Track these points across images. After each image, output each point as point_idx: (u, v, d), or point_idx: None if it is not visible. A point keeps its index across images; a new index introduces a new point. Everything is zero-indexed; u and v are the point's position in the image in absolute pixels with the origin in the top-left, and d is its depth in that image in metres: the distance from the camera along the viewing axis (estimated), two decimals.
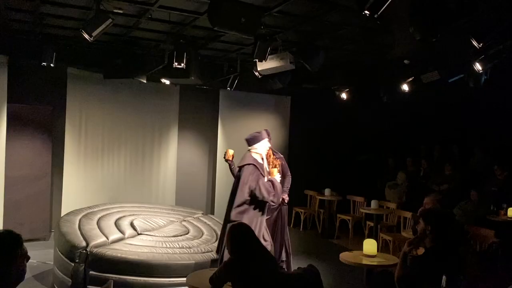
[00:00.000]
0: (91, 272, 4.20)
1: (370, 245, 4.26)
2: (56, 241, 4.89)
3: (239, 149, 8.55)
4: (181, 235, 5.20)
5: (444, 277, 2.84)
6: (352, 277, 5.36)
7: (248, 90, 8.47)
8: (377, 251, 4.36)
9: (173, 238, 5.02)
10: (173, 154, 8.21)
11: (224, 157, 5.30)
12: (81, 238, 4.53)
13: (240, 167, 4.76)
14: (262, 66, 5.97)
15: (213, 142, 8.44)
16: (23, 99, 6.59)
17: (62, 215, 6.24)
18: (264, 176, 4.60)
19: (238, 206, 4.48)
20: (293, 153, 9.17)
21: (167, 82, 7.23)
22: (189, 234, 5.32)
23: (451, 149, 8.65)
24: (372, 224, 7.09)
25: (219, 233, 5.50)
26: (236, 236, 2.97)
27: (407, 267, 3.20)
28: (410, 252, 3.25)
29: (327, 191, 8.12)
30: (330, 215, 8.25)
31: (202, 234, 5.42)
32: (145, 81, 7.03)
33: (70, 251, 4.35)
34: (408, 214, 6.37)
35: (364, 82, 7.95)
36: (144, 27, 5.98)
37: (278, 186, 4.61)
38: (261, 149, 4.97)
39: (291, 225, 8.69)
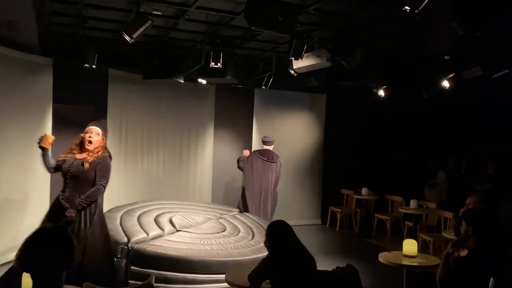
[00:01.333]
0: (132, 267, 4.32)
1: (410, 245, 4.17)
2: None
3: (273, 146, 8.60)
4: (218, 232, 5.27)
5: (491, 279, 2.75)
6: (391, 277, 5.26)
7: (283, 89, 8.46)
8: (417, 251, 4.27)
9: (210, 235, 5.10)
10: (209, 152, 8.33)
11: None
12: (123, 234, 4.66)
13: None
14: (298, 64, 5.95)
15: (248, 140, 8.49)
16: (66, 100, 6.83)
17: (104, 211, 6.44)
18: None
19: None
20: (328, 151, 9.11)
21: (204, 82, 7.33)
22: (225, 231, 5.38)
23: (494, 147, 8.34)
24: (411, 224, 6.93)
25: (255, 231, 5.56)
26: (275, 233, 2.98)
27: (449, 269, 3.13)
28: (453, 253, 3.17)
29: (364, 190, 8.01)
30: (367, 214, 8.14)
31: (239, 231, 5.47)
32: (182, 81, 7.15)
33: (112, 246, 4.48)
34: (449, 214, 6.20)
35: (402, 79, 7.78)
36: (181, 28, 6.09)
37: None
38: None
39: (327, 224, 8.64)
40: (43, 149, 4.01)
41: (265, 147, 7.18)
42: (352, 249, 7.14)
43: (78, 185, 4.02)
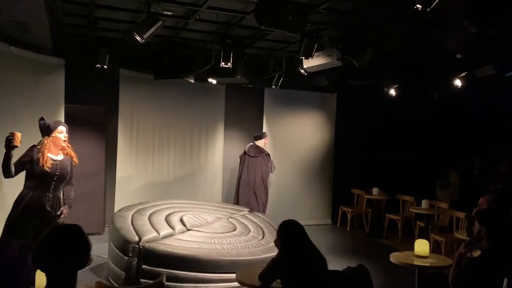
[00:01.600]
0: (143, 266, 4.33)
1: (422, 246, 4.14)
2: (110, 236, 5.09)
3: (283, 145, 8.61)
4: (228, 232, 5.28)
5: (505, 280, 2.72)
6: (402, 278, 5.23)
7: (293, 88, 8.45)
8: (429, 252, 4.24)
9: (221, 235, 5.11)
10: (219, 152, 8.35)
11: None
12: (134, 233, 4.69)
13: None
14: (308, 63, 5.94)
15: None
16: (78, 100, 6.89)
17: (115, 210, 6.51)
18: None
19: None
20: (339, 151, 9.07)
21: (214, 81, 7.36)
22: (236, 231, 5.39)
23: (507, 147, 8.23)
24: (422, 224, 6.88)
25: (265, 230, 5.56)
26: (287, 232, 2.98)
27: (462, 269, 3.11)
28: (465, 254, 3.15)
29: (375, 190, 7.97)
30: (378, 214, 8.10)
31: (249, 231, 5.47)
32: (192, 81, 7.18)
33: (123, 245, 4.52)
34: (461, 214, 6.14)
35: (413, 78, 7.72)
36: (192, 28, 6.11)
37: None
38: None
39: (338, 224, 8.62)
40: (13, 148, 3.63)
41: (255, 142, 7.48)
42: (363, 249, 7.11)
43: (60, 186, 4.07)
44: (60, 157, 4.04)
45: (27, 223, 3.81)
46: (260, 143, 7.45)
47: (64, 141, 4.08)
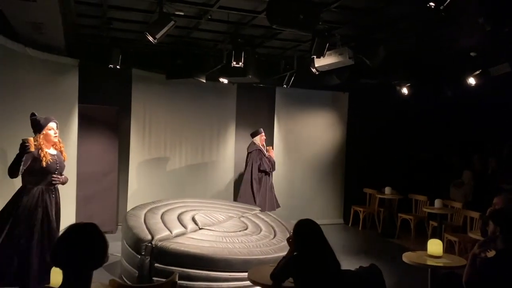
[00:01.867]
0: (156, 264, 4.36)
1: (435, 245, 4.10)
2: (123, 234, 5.14)
3: (295, 145, 8.60)
4: (240, 231, 5.29)
5: None
6: (415, 278, 5.19)
7: (305, 87, 8.43)
8: (442, 252, 4.20)
9: (232, 234, 5.12)
10: (231, 151, 8.37)
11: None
12: (147, 231, 4.73)
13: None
14: (320, 62, 5.92)
15: (269, 139, 8.48)
16: (92, 100, 6.97)
17: (128, 209, 6.57)
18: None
19: None
20: (351, 150, 9.03)
21: (225, 81, 7.38)
22: (247, 230, 5.40)
23: None
24: (435, 224, 6.82)
25: (276, 229, 5.56)
26: (302, 231, 2.97)
27: (476, 270, 3.07)
28: (480, 254, 3.11)
29: (387, 190, 7.91)
30: (390, 214, 8.04)
31: (260, 230, 5.48)
32: (204, 81, 7.21)
33: (136, 244, 4.55)
34: (476, 214, 6.07)
35: (426, 76, 7.65)
36: (203, 28, 6.14)
37: None
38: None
39: (350, 224, 8.58)
40: (29, 153, 3.87)
41: (252, 139, 7.55)
42: (375, 249, 7.07)
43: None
44: (54, 152, 4.16)
45: (32, 216, 3.94)
46: (256, 140, 7.47)
47: (55, 137, 4.17)
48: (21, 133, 4.15)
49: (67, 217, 4.93)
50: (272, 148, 7.70)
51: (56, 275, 2.83)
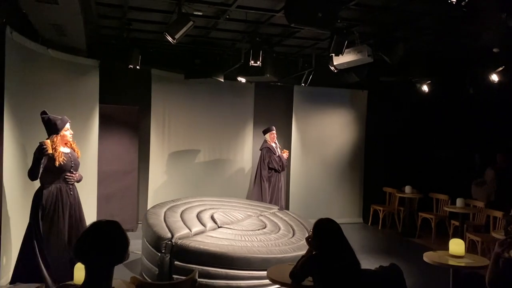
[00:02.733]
0: (176, 262, 4.40)
1: (457, 245, 4.04)
2: (143, 232, 5.20)
3: (313, 143, 8.57)
4: (258, 229, 5.30)
5: None
6: (436, 278, 5.13)
7: (323, 85, 8.39)
8: (464, 251, 4.13)
9: (251, 232, 5.13)
10: (249, 150, 8.40)
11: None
12: (167, 229, 4.77)
13: None
14: (339, 60, 5.89)
15: (287, 138, 8.49)
16: (112, 100, 7.08)
17: (148, 208, 6.65)
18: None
19: None
20: (370, 148, 8.95)
21: (243, 80, 7.40)
22: (266, 228, 5.40)
23: None
24: (457, 223, 6.71)
25: (295, 228, 5.56)
26: (322, 230, 2.96)
27: (499, 270, 3.02)
28: (503, 253, 3.06)
29: (407, 189, 7.81)
30: (410, 213, 7.95)
31: (279, 229, 5.48)
32: (222, 80, 7.25)
33: (156, 242, 4.60)
34: (499, 214, 5.94)
35: (447, 73, 7.52)
36: (221, 28, 6.17)
37: None
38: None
39: (369, 223, 8.51)
40: (47, 156, 4.01)
41: (264, 137, 7.57)
42: (395, 248, 6.99)
43: None
44: (67, 150, 4.24)
45: (52, 214, 4.04)
46: (266, 137, 7.46)
47: (71, 137, 4.28)
48: (43, 133, 4.25)
49: (89, 216, 5.01)
50: (287, 151, 7.65)
51: (79, 272, 2.89)
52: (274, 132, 7.46)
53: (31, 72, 5.25)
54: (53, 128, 4.15)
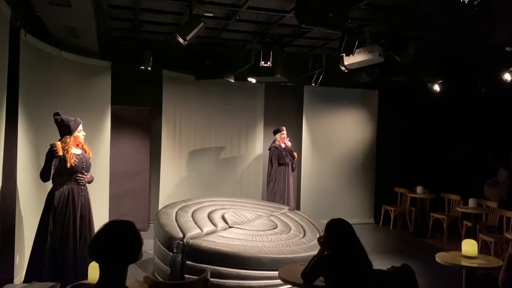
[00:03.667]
0: (187, 262, 4.43)
1: (470, 246, 4.00)
2: (155, 232, 5.24)
3: (324, 143, 8.55)
4: (269, 230, 5.30)
5: None
6: (448, 278, 5.09)
7: (333, 85, 8.37)
8: (477, 252, 4.09)
9: (262, 232, 5.14)
10: (259, 150, 8.41)
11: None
12: (178, 229, 4.80)
13: None
14: (349, 60, 5.88)
15: (298, 138, 8.48)
16: (124, 101, 7.13)
17: (159, 208, 6.69)
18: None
19: None
20: (381, 148, 8.91)
21: (253, 80, 7.42)
22: (277, 228, 5.41)
23: None
24: (469, 224, 6.65)
25: (306, 229, 5.55)
26: (334, 231, 2.96)
27: None
28: None
29: (419, 189, 7.76)
30: (422, 213, 7.89)
31: (290, 229, 5.48)
32: (233, 81, 7.28)
33: (168, 241, 4.63)
34: None
35: (458, 72, 7.46)
36: (232, 29, 6.19)
37: None
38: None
39: (380, 223, 8.47)
40: (58, 157, 4.05)
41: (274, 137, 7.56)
42: (407, 249, 6.95)
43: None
44: (79, 151, 4.27)
45: (64, 215, 4.09)
46: (276, 137, 7.45)
47: (83, 138, 4.33)
48: (56, 134, 4.30)
49: (101, 216, 5.07)
50: (296, 153, 7.63)
51: (94, 271, 2.93)
52: (285, 132, 7.45)
53: (45, 73, 5.32)
54: (66, 129, 4.19)
